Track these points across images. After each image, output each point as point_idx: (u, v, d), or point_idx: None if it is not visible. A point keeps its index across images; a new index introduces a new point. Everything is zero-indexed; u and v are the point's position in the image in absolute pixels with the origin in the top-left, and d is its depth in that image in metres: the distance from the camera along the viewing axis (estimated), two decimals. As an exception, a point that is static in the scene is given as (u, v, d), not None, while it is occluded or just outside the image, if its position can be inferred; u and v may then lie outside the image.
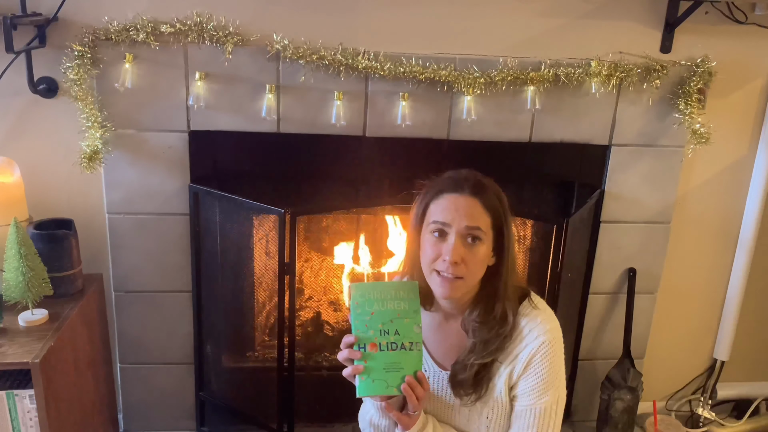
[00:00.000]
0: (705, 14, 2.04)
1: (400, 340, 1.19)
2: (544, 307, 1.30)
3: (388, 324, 1.20)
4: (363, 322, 1.20)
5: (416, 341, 1.20)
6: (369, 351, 1.19)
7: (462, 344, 1.29)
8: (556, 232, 1.95)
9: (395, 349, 1.19)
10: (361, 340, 1.19)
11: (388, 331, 1.19)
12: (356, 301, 1.20)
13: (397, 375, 1.18)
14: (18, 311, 1.72)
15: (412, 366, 1.19)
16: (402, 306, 1.20)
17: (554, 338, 1.25)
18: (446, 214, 1.20)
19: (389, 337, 1.19)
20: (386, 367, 1.18)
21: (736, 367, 2.52)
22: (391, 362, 1.19)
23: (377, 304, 1.20)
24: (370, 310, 1.20)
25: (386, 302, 1.20)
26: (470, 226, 1.19)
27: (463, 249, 1.19)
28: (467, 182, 1.22)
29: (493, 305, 1.25)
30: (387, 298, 1.21)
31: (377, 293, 1.21)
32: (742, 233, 2.33)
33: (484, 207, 1.21)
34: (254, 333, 2.33)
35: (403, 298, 1.21)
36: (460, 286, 1.22)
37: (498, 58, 1.97)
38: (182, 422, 2.26)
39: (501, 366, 1.26)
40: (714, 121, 2.10)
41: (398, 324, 1.20)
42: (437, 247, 1.21)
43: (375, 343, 1.19)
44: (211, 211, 2.06)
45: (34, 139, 1.95)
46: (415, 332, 1.20)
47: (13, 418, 1.60)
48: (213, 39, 1.86)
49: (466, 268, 1.20)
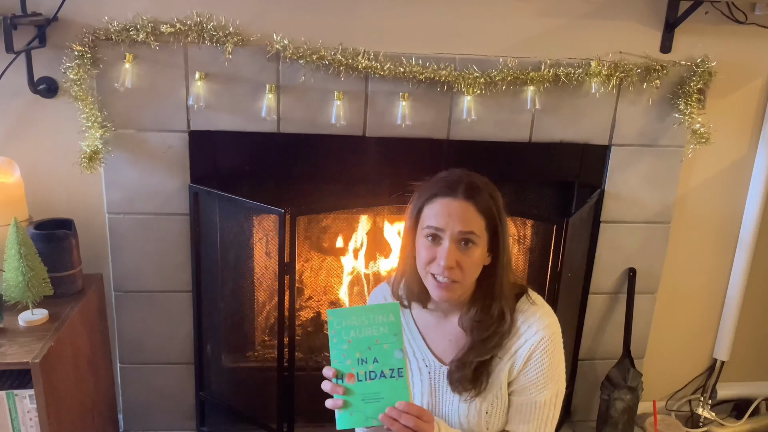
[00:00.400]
0: (705, 14, 2.04)
1: (379, 368, 1.12)
2: (541, 303, 1.31)
3: (365, 352, 1.13)
4: (340, 351, 1.14)
5: (397, 367, 1.12)
6: (347, 382, 1.13)
7: (460, 341, 1.29)
8: (556, 232, 1.95)
9: (374, 378, 1.12)
10: (338, 371, 1.13)
11: (366, 359, 1.13)
12: (333, 330, 1.14)
13: (377, 405, 1.12)
14: (18, 311, 1.72)
15: (393, 394, 1.12)
16: (381, 331, 1.13)
17: (553, 333, 1.26)
18: (439, 219, 1.20)
19: (367, 366, 1.12)
20: (365, 398, 1.12)
21: (736, 367, 2.52)
22: (370, 392, 1.12)
23: (354, 331, 1.13)
24: (347, 338, 1.13)
25: (363, 329, 1.13)
26: (464, 230, 1.19)
27: (458, 253, 1.19)
28: (460, 185, 1.21)
29: (490, 303, 1.26)
30: (364, 323, 1.13)
31: (354, 319, 1.14)
32: (742, 233, 2.33)
33: (477, 210, 1.20)
34: (254, 333, 2.33)
35: (383, 323, 1.13)
36: (456, 289, 1.22)
37: (498, 58, 1.97)
38: (182, 422, 2.26)
39: (500, 362, 1.27)
40: (714, 121, 2.10)
41: (377, 351, 1.13)
42: (431, 251, 1.21)
43: (353, 373, 1.13)
44: (211, 211, 2.06)
45: (34, 139, 1.95)
46: (396, 358, 1.12)
47: (13, 418, 1.60)
48: (213, 39, 1.86)
49: (461, 271, 1.20)
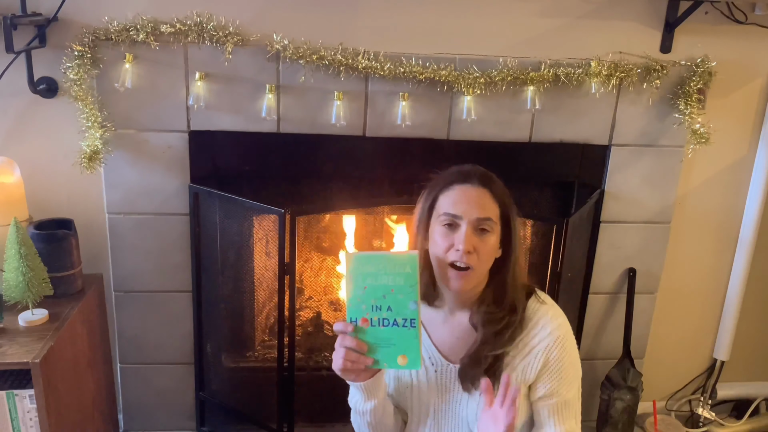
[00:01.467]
0: (705, 14, 2.04)
1: (392, 316, 1.14)
2: (551, 303, 1.32)
3: (380, 300, 1.14)
4: (355, 296, 1.15)
5: (411, 318, 1.14)
6: (360, 325, 1.15)
7: (468, 338, 1.29)
8: (556, 232, 1.95)
9: (387, 325, 1.14)
10: (352, 313, 1.15)
11: (380, 306, 1.14)
12: (350, 273, 1.15)
13: (388, 351, 1.15)
14: (18, 311, 1.73)
15: (405, 343, 1.14)
16: (397, 281, 1.14)
17: (567, 332, 1.29)
18: (457, 206, 1.21)
19: (381, 313, 1.14)
20: (377, 342, 1.15)
21: (736, 367, 2.52)
22: (382, 338, 1.15)
23: (371, 278, 1.14)
24: (363, 284, 1.14)
25: (380, 276, 1.14)
26: (481, 216, 1.21)
27: (475, 238, 1.20)
28: (475, 173, 1.24)
29: (502, 297, 1.27)
30: (381, 271, 1.14)
31: (372, 266, 1.14)
32: (742, 233, 2.33)
33: (493, 197, 1.23)
34: (254, 333, 2.33)
35: (400, 273, 1.13)
36: (472, 278, 1.23)
37: (498, 58, 1.97)
38: (182, 422, 2.26)
39: (513, 360, 1.27)
40: (714, 121, 2.10)
41: (392, 300, 1.14)
42: (449, 238, 1.21)
43: (366, 318, 1.15)
44: (211, 210, 2.06)
45: (34, 139, 1.95)
46: (410, 309, 1.14)
47: (13, 418, 1.60)
48: (213, 39, 1.86)
49: (477, 257, 1.21)
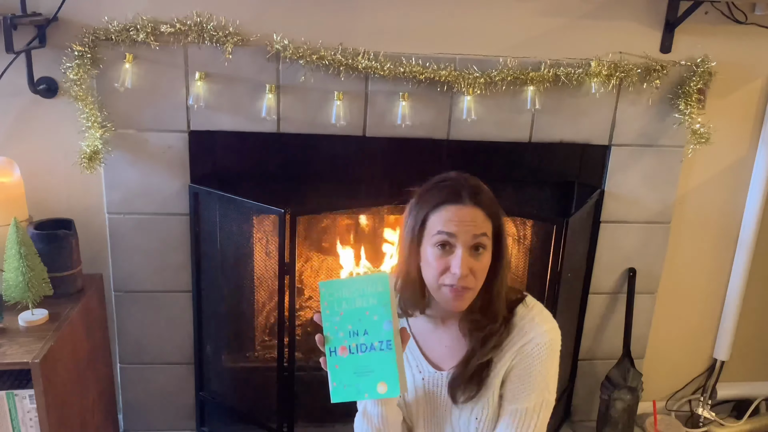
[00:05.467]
0: (705, 14, 2.04)
1: (369, 340, 1.11)
2: (540, 310, 1.30)
3: (356, 323, 1.12)
4: (333, 324, 1.13)
5: (386, 339, 1.10)
6: (339, 355, 1.12)
7: (457, 346, 1.28)
8: (556, 232, 1.95)
9: (365, 351, 1.11)
10: (331, 344, 1.13)
11: (357, 331, 1.12)
12: (325, 302, 1.13)
13: (368, 379, 1.11)
14: (18, 311, 1.72)
15: (382, 367, 1.11)
16: (371, 302, 1.11)
17: (549, 340, 1.24)
18: (451, 226, 1.18)
19: (358, 339, 1.12)
20: (356, 371, 1.12)
21: (736, 367, 2.53)
22: (361, 365, 1.11)
23: (345, 303, 1.12)
24: (339, 310, 1.12)
25: (354, 300, 1.12)
26: (477, 234, 1.18)
27: (470, 260, 1.18)
28: (464, 189, 1.20)
29: (489, 304, 1.25)
30: (355, 295, 1.12)
31: (345, 291, 1.12)
32: (742, 233, 2.33)
33: (485, 214, 1.20)
34: (254, 333, 2.33)
35: (372, 293, 1.11)
36: (469, 297, 1.21)
37: (498, 58, 1.97)
38: (182, 422, 2.26)
39: (495, 366, 1.26)
40: (714, 121, 2.11)
41: (367, 322, 1.11)
42: (443, 261, 1.18)
43: (345, 346, 1.12)
44: (211, 211, 2.06)
45: (34, 139, 1.95)
46: (384, 330, 1.10)
47: (13, 418, 1.60)
48: (213, 39, 1.86)
49: (474, 278, 1.19)
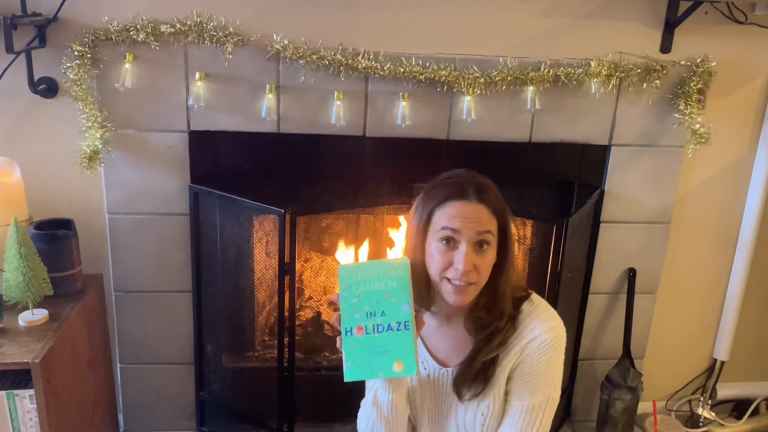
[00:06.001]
0: (705, 14, 2.04)
1: (386, 321, 1.13)
2: (546, 307, 1.30)
3: (374, 305, 1.14)
4: (350, 305, 1.14)
5: (404, 320, 1.13)
6: (355, 335, 1.14)
7: (463, 343, 1.29)
8: (556, 232, 1.95)
9: (382, 331, 1.13)
10: (347, 323, 1.14)
11: (374, 312, 1.14)
12: (343, 284, 1.15)
13: (383, 358, 1.12)
14: (18, 311, 1.73)
15: (400, 347, 1.12)
16: (390, 285, 1.14)
17: (555, 337, 1.25)
18: (455, 222, 1.19)
19: (375, 319, 1.13)
20: (371, 350, 1.13)
21: (736, 367, 2.53)
22: (377, 345, 1.13)
23: (364, 285, 1.15)
24: (357, 292, 1.15)
25: (373, 283, 1.15)
26: (481, 231, 1.19)
27: (474, 256, 1.18)
28: (470, 186, 1.21)
29: (494, 301, 1.25)
30: (374, 278, 1.15)
31: (364, 274, 1.15)
32: (742, 233, 2.33)
33: (490, 211, 1.21)
34: (254, 333, 2.33)
35: (392, 277, 1.14)
36: (472, 292, 1.21)
37: (498, 58, 1.97)
38: (182, 422, 2.26)
39: (503, 362, 1.26)
40: (714, 121, 2.10)
41: (385, 305, 1.14)
42: (447, 256, 1.19)
43: (361, 326, 1.14)
44: (211, 211, 2.06)
45: (34, 139, 1.95)
46: (403, 311, 1.13)
47: (13, 418, 1.60)
48: (213, 39, 1.86)
49: (478, 274, 1.19)
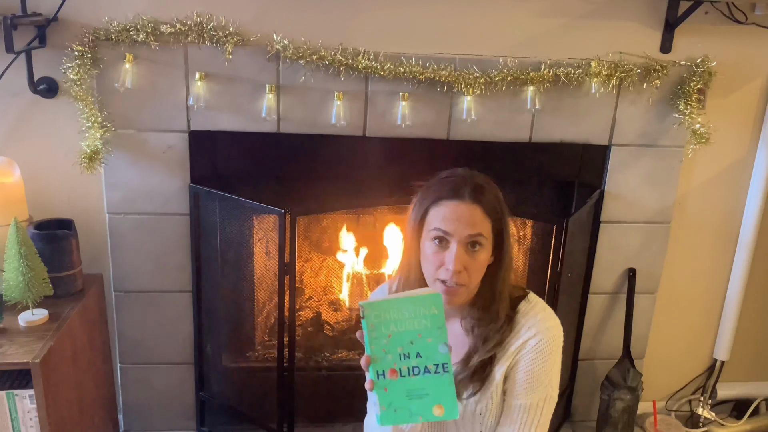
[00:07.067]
0: (705, 14, 2.04)
1: (422, 363, 1.06)
2: (543, 307, 1.30)
3: (408, 346, 1.06)
4: (380, 346, 1.06)
5: (442, 362, 1.06)
6: (389, 378, 1.07)
7: (460, 342, 1.29)
8: (556, 232, 1.95)
9: (418, 373, 1.06)
10: (379, 366, 1.07)
11: (408, 354, 1.06)
12: (371, 324, 1.06)
13: (422, 402, 1.07)
14: (18, 311, 1.72)
15: (439, 390, 1.06)
16: (423, 324, 1.06)
17: (552, 336, 1.25)
18: (447, 223, 1.19)
19: (410, 362, 1.06)
20: (409, 394, 1.07)
21: (736, 367, 2.52)
22: (415, 388, 1.07)
23: (394, 324, 1.06)
24: (387, 332, 1.06)
25: (405, 322, 1.06)
26: (472, 233, 1.18)
27: (465, 257, 1.18)
28: (466, 187, 1.20)
29: (491, 302, 1.25)
30: (405, 317, 1.06)
31: (394, 312, 1.06)
32: (742, 233, 2.33)
33: (484, 212, 1.20)
34: (254, 333, 2.33)
35: (425, 315, 1.06)
36: (462, 293, 1.22)
37: (498, 58, 1.97)
38: (182, 422, 2.26)
39: (500, 361, 1.26)
40: (714, 121, 2.10)
41: (420, 345, 1.06)
42: (439, 255, 1.20)
43: (395, 369, 1.07)
44: (211, 211, 2.06)
45: (34, 139, 1.95)
46: (440, 353, 1.06)
47: (13, 418, 1.60)
48: (213, 39, 1.86)
49: (468, 275, 1.20)
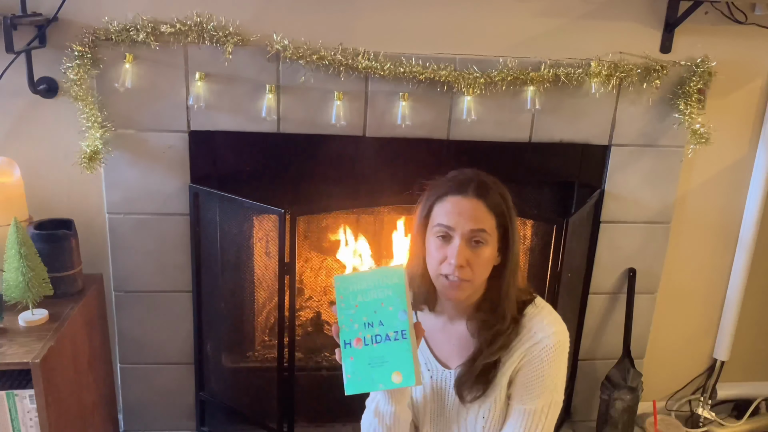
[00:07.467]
0: (705, 14, 2.04)
1: (384, 331, 1.12)
2: (550, 311, 1.30)
3: (371, 315, 1.12)
4: (348, 316, 1.13)
5: (401, 329, 1.11)
6: (354, 347, 1.12)
7: (466, 344, 1.29)
8: (556, 232, 1.95)
9: (380, 341, 1.12)
10: (346, 335, 1.13)
11: (372, 323, 1.12)
12: (340, 295, 1.13)
13: (382, 369, 1.11)
14: (18, 311, 1.72)
15: (397, 357, 1.11)
16: (386, 293, 1.12)
17: (558, 342, 1.25)
18: (450, 218, 1.20)
19: (373, 330, 1.12)
20: (371, 362, 1.11)
21: (736, 367, 2.52)
22: (376, 356, 1.11)
23: (361, 295, 1.13)
24: (354, 302, 1.13)
25: (370, 292, 1.13)
26: (474, 229, 1.19)
27: (468, 252, 1.19)
28: (471, 183, 1.21)
29: (497, 303, 1.25)
30: (371, 287, 1.13)
31: (361, 284, 1.13)
32: (742, 233, 2.33)
33: (488, 208, 1.21)
34: (254, 333, 2.33)
35: (388, 285, 1.12)
36: (466, 288, 1.22)
37: (498, 58, 1.97)
38: (182, 422, 2.26)
39: (503, 366, 1.26)
40: (714, 121, 2.10)
41: (382, 314, 1.12)
42: (442, 251, 1.20)
43: (360, 338, 1.12)
44: (211, 211, 2.06)
45: (34, 139, 1.95)
46: (399, 320, 1.11)
47: (13, 418, 1.60)
48: (213, 39, 1.86)
49: (472, 270, 1.20)
